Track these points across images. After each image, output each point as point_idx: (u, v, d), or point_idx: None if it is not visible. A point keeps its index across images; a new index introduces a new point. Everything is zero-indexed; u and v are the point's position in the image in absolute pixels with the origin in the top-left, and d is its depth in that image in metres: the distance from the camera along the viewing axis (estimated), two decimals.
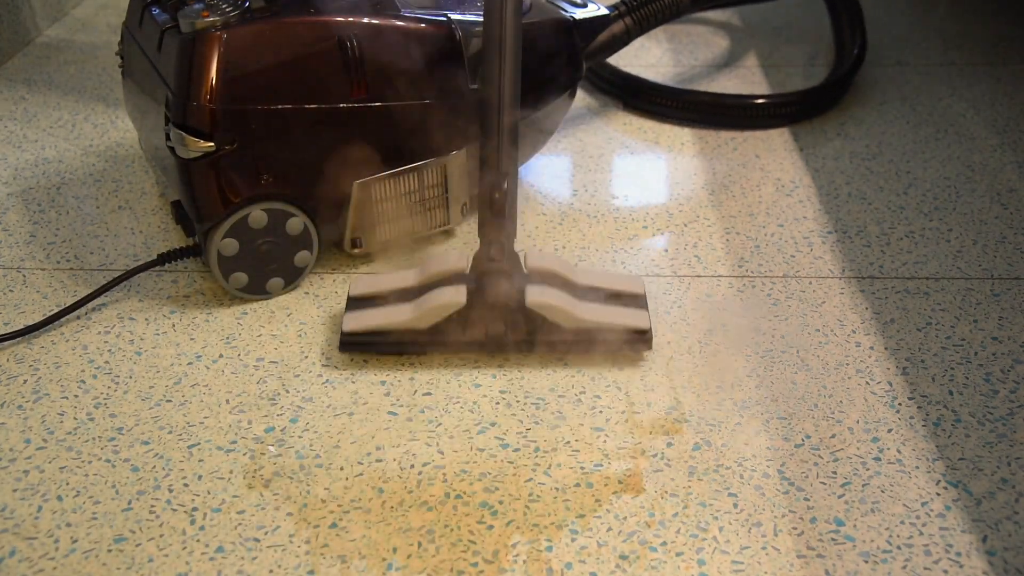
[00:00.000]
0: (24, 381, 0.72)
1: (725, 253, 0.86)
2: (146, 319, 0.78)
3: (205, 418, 0.68)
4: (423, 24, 0.78)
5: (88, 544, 0.59)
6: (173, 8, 0.75)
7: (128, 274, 0.79)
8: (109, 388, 0.71)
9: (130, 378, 0.72)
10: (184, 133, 0.72)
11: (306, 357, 0.74)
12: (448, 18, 0.79)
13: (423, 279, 0.74)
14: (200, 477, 0.63)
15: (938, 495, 0.61)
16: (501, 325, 0.72)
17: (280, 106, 0.73)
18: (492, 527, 0.60)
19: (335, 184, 0.78)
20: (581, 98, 1.15)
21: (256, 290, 0.80)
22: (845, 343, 0.75)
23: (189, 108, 0.72)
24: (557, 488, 0.62)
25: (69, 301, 0.79)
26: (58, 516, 0.61)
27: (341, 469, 0.64)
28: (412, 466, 0.64)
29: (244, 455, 0.65)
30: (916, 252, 0.86)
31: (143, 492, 0.62)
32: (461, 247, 0.86)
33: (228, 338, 0.76)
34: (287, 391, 0.71)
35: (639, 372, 0.72)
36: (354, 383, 0.71)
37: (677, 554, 0.58)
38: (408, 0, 0.80)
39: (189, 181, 0.74)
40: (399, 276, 0.76)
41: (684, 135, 1.06)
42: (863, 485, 0.62)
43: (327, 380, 0.71)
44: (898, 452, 0.65)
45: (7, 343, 0.76)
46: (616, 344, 0.72)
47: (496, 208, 0.70)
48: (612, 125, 1.09)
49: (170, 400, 0.70)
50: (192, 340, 0.76)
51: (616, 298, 0.74)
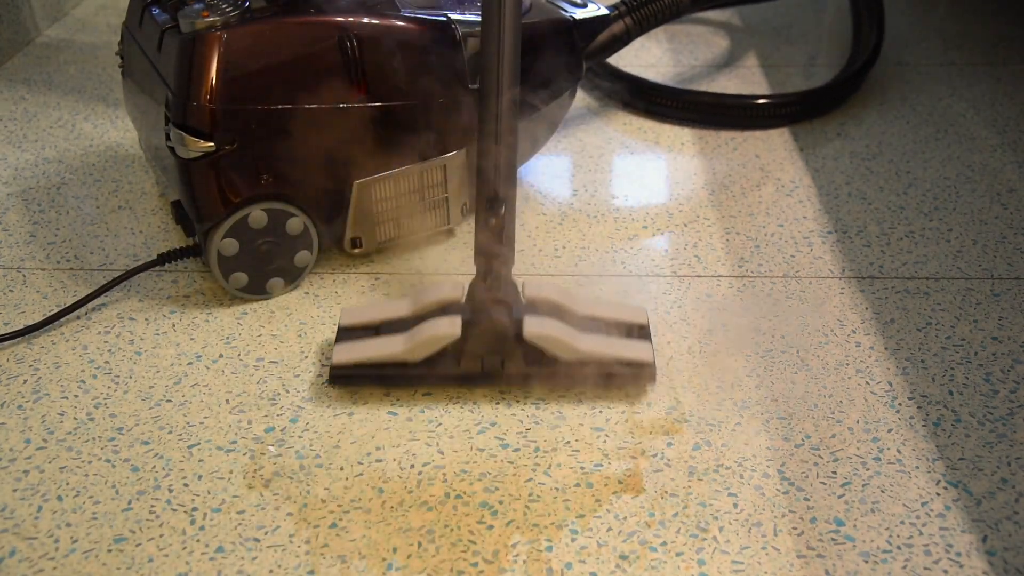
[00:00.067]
0: (24, 381, 0.72)
1: (725, 253, 0.86)
2: (146, 319, 0.78)
3: (205, 418, 0.68)
4: (423, 24, 0.78)
5: (88, 544, 0.59)
6: (173, 8, 0.75)
7: (128, 274, 0.79)
8: (109, 388, 0.71)
9: (130, 378, 0.72)
10: (184, 133, 0.72)
11: (306, 357, 0.74)
12: (448, 18, 0.79)
13: (416, 309, 0.70)
14: (200, 477, 0.63)
15: (938, 495, 0.61)
16: (498, 358, 0.68)
17: (280, 106, 0.73)
18: (492, 527, 0.59)
19: (335, 184, 0.78)
20: (581, 98, 1.15)
21: (256, 290, 0.80)
22: (845, 343, 0.75)
23: (189, 108, 0.72)
24: (557, 488, 0.62)
25: (69, 301, 0.79)
26: (58, 516, 0.61)
27: (341, 469, 0.64)
28: (412, 466, 0.64)
29: (244, 455, 0.65)
30: (916, 252, 0.86)
31: (143, 492, 0.62)
32: (461, 247, 0.86)
33: (228, 338, 0.76)
34: (287, 391, 0.71)
35: None
36: None
37: (677, 554, 0.58)
38: (408, 0, 0.80)
39: (189, 181, 0.74)
40: (391, 306, 0.72)
41: (684, 135, 1.06)
42: (863, 485, 0.62)
43: (327, 380, 0.71)
44: (898, 452, 0.65)
45: (7, 343, 0.76)
46: (618, 378, 0.69)
47: (492, 235, 0.68)
48: (612, 125, 1.09)
49: (170, 400, 0.70)
50: (192, 340, 0.76)
51: (618, 329, 0.71)
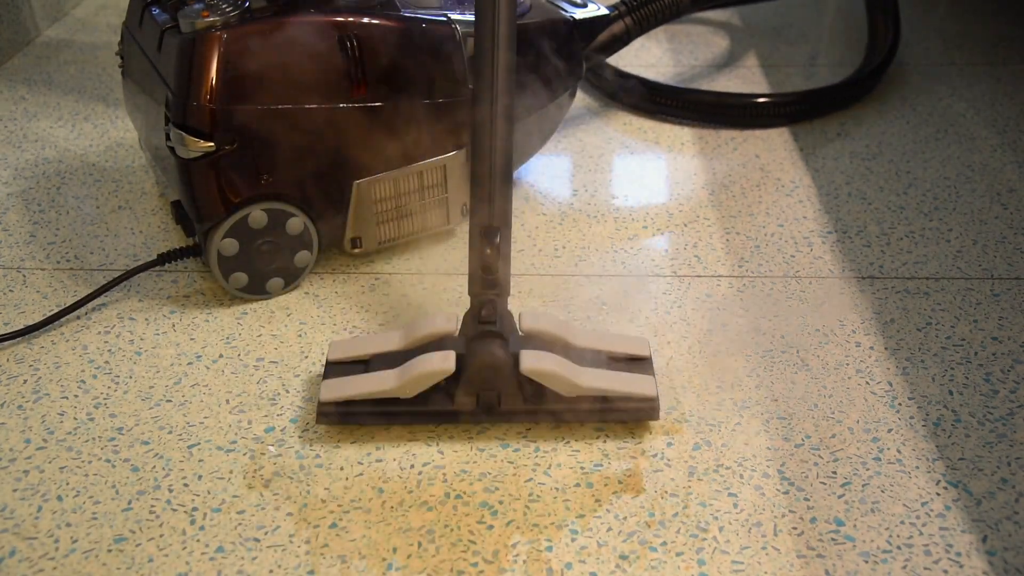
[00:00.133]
0: (24, 381, 0.72)
1: (725, 253, 0.86)
2: (146, 319, 0.78)
3: (205, 418, 0.68)
4: (423, 24, 0.78)
5: (88, 544, 0.59)
6: (173, 8, 0.75)
7: (128, 274, 0.79)
8: (109, 388, 0.71)
9: (130, 378, 0.72)
10: (184, 133, 0.72)
11: (306, 357, 0.74)
12: (448, 18, 0.79)
13: (408, 343, 0.68)
14: (200, 477, 0.63)
15: (938, 495, 0.61)
16: (494, 394, 0.65)
17: (280, 106, 0.73)
18: (492, 527, 0.59)
19: (335, 184, 0.78)
20: (581, 98, 1.15)
21: (256, 290, 0.80)
22: (845, 343, 0.75)
23: (189, 108, 0.72)
24: (557, 488, 0.62)
25: (69, 301, 0.79)
26: (58, 516, 0.61)
27: (341, 469, 0.64)
28: (412, 466, 0.64)
29: (244, 455, 0.65)
30: (916, 252, 0.86)
31: (143, 492, 0.62)
32: (461, 247, 0.86)
33: (228, 338, 0.76)
34: (287, 391, 0.71)
35: None
36: None
37: (677, 554, 0.58)
38: (408, 0, 0.80)
39: (189, 181, 0.74)
40: (382, 339, 0.69)
41: (684, 135, 1.06)
42: (863, 485, 0.62)
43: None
44: (898, 452, 0.65)
45: (7, 343, 0.76)
46: (620, 413, 0.66)
47: (487, 265, 0.64)
48: (612, 125, 1.09)
49: (170, 400, 0.70)
50: (192, 340, 0.76)
51: (619, 361, 0.69)
